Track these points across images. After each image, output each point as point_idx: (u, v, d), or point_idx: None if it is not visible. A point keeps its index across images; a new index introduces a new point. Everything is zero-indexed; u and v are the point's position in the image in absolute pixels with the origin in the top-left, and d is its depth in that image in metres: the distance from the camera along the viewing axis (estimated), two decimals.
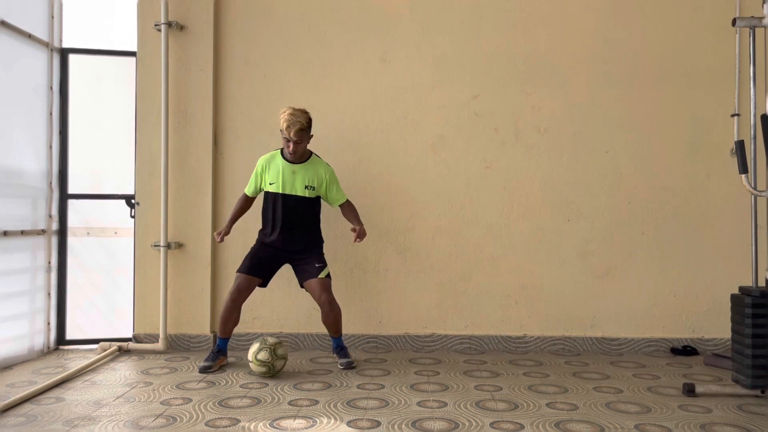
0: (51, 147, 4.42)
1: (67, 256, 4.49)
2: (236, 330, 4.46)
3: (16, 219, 4.09)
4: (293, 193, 3.93)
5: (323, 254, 4.06)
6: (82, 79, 4.56)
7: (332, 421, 3.00)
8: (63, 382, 3.61)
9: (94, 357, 4.10)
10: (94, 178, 4.60)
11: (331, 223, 4.41)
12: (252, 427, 2.91)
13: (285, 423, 2.97)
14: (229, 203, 4.49)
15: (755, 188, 3.41)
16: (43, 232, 4.34)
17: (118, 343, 4.34)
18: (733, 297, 3.43)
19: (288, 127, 3.80)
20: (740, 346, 3.34)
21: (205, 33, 4.46)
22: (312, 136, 3.97)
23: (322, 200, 4.09)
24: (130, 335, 4.47)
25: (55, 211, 4.45)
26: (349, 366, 3.93)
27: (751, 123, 3.52)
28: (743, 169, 3.35)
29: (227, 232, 4.02)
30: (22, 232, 4.13)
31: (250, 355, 3.72)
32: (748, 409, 3.20)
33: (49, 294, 4.39)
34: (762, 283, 3.42)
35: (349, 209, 4.07)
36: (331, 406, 3.21)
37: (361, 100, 4.52)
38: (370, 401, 3.30)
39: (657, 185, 4.48)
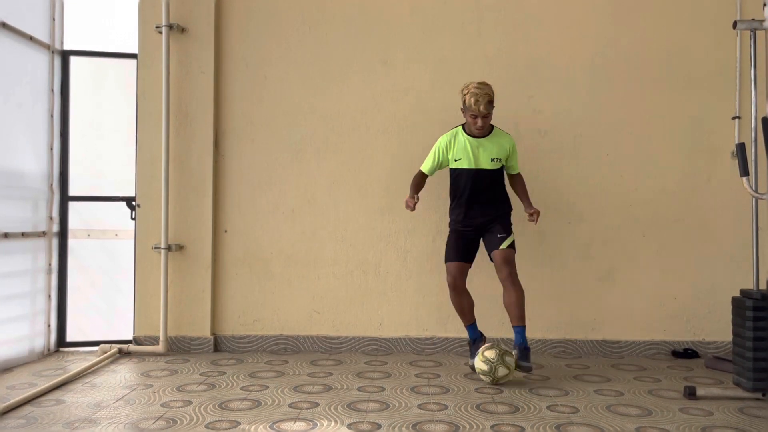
0: (52, 149, 4.42)
1: (67, 258, 4.49)
2: (236, 332, 4.49)
3: (17, 221, 4.09)
4: (481, 167, 3.89)
5: (510, 223, 3.98)
6: (83, 81, 4.56)
7: (332, 423, 2.99)
8: (63, 384, 3.61)
9: (94, 359, 4.09)
10: (94, 180, 4.60)
11: (333, 224, 4.42)
12: (252, 430, 2.91)
13: (285, 425, 2.96)
14: (230, 205, 4.50)
15: (756, 191, 3.41)
16: (43, 234, 4.34)
17: (119, 345, 4.34)
18: (734, 300, 3.43)
19: (477, 101, 3.72)
20: (741, 349, 3.33)
21: (206, 35, 4.46)
22: (494, 106, 3.88)
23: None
24: (130, 337, 4.47)
25: (55, 213, 4.45)
26: (527, 370, 3.70)
27: (752, 126, 3.52)
28: (744, 171, 3.35)
29: (416, 199, 3.92)
30: (23, 234, 4.13)
31: (481, 349, 3.70)
32: (749, 412, 3.19)
33: (49, 296, 4.39)
34: (763, 286, 3.41)
35: (520, 182, 4.06)
36: (332, 408, 3.21)
37: (361, 102, 4.52)
38: (370, 404, 3.29)
39: (658, 188, 4.47)
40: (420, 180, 4.04)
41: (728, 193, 4.38)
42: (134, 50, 4.49)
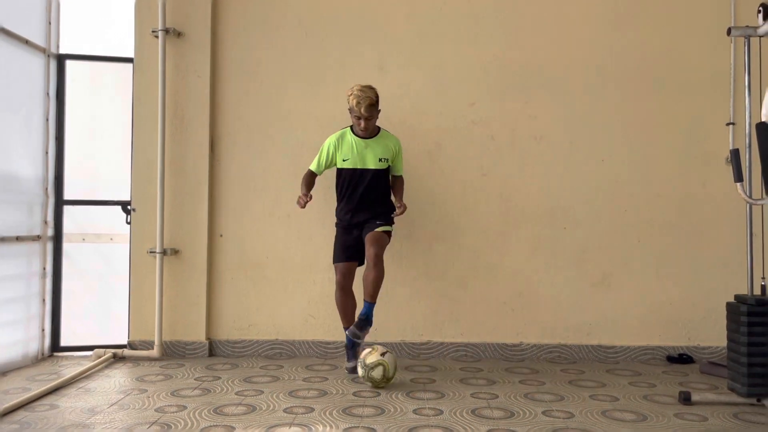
0: (47, 153, 4.41)
1: (62, 262, 4.47)
2: (231, 337, 4.48)
3: (12, 225, 4.08)
4: (367, 166, 3.97)
5: (392, 219, 4.05)
6: (78, 85, 4.55)
7: (328, 428, 2.99)
8: (57, 388, 3.59)
9: (88, 364, 4.08)
10: (90, 183, 4.59)
11: (329, 229, 4.41)
12: None
13: (280, 430, 2.95)
14: (226, 209, 4.49)
15: (750, 196, 3.43)
16: (38, 238, 4.32)
17: (113, 350, 4.32)
18: (729, 305, 3.44)
19: (358, 103, 3.85)
20: (736, 354, 3.34)
21: (203, 40, 4.46)
22: (380, 110, 3.98)
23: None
24: (125, 342, 4.45)
25: (50, 217, 4.43)
26: (352, 371, 3.89)
27: (746, 131, 3.54)
28: (738, 177, 3.36)
29: (308, 196, 3.96)
30: (18, 238, 4.11)
31: (362, 355, 3.71)
32: (743, 417, 3.20)
33: (43, 300, 4.38)
34: (757, 292, 3.42)
35: (400, 183, 4.13)
36: (327, 413, 3.20)
37: None
38: (365, 409, 3.29)
39: (653, 193, 4.49)
40: (310, 179, 4.11)
41: (723, 198, 4.39)
42: (130, 54, 4.48)
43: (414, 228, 4.49)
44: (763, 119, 3.25)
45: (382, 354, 3.69)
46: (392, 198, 4.11)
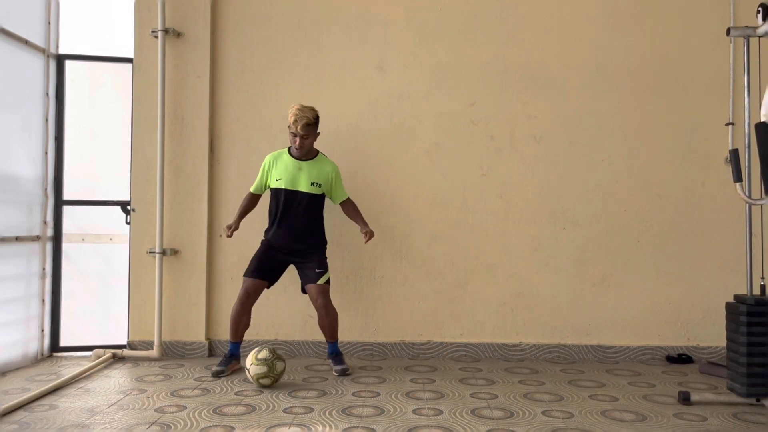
0: (46, 153, 4.41)
1: (61, 262, 4.47)
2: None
3: (11, 225, 4.08)
4: (298, 188, 3.98)
5: (325, 257, 4.10)
6: (78, 86, 4.55)
7: (327, 428, 2.99)
8: (57, 389, 3.59)
9: (88, 364, 4.08)
10: (89, 184, 4.59)
11: (329, 231, 4.42)
12: None
13: (280, 431, 2.96)
14: (225, 210, 4.49)
15: (749, 196, 3.43)
16: (37, 238, 4.32)
17: (113, 350, 4.32)
18: (728, 305, 3.44)
19: (295, 121, 3.88)
20: (735, 354, 3.34)
21: (202, 40, 4.46)
22: (319, 133, 4.03)
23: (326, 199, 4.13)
24: (124, 342, 4.45)
25: (50, 217, 4.43)
26: (344, 373, 3.94)
27: (746, 132, 3.55)
28: (738, 177, 3.37)
29: (236, 227, 4.08)
30: (17, 238, 4.11)
31: (249, 359, 3.67)
32: (743, 417, 3.20)
33: (43, 300, 4.37)
34: (757, 291, 3.42)
35: (351, 207, 4.13)
36: (326, 413, 3.20)
37: (357, 108, 4.53)
38: (365, 409, 3.29)
39: (652, 193, 4.49)
40: (249, 201, 4.16)
41: (722, 198, 4.40)
42: (130, 54, 4.48)
43: (413, 228, 4.50)
44: (762, 119, 3.25)
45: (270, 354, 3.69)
46: (324, 232, 4.13)
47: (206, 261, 4.45)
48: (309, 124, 3.91)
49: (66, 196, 4.50)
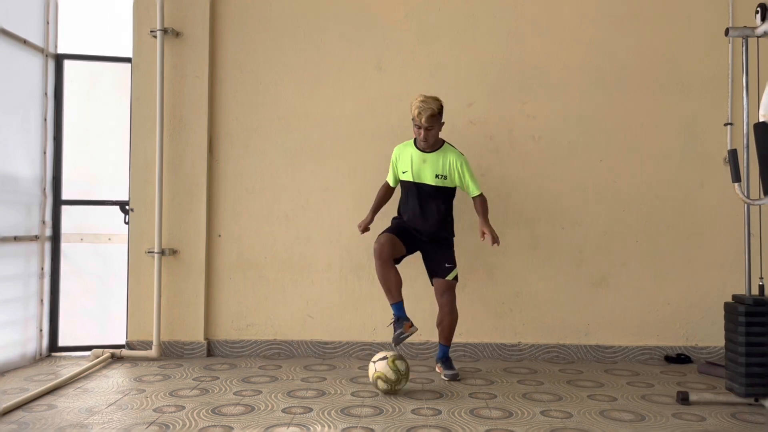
0: (45, 153, 4.41)
1: (60, 262, 4.47)
2: (229, 337, 4.48)
3: (10, 225, 4.08)
4: (424, 181, 3.90)
5: (454, 252, 4.00)
6: (77, 85, 4.55)
7: (326, 428, 2.99)
8: (55, 389, 3.59)
9: (86, 364, 4.07)
10: (88, 184, 4.59)
11: (327, 229, 4.43)
12: None
13: (279, 430, 2.95)
14: (224, 210, 4.49)
15: (748, 197, 3.43)
16: (36, 238, 4.32)
17: (111, 350, 4.32)
18: (727, 305, 3.44)
19: (419, 113, 3.75)
20: (734, 354, 3.34)
21: (201, 40, 4.46)
22: (443, 123, 3.90)
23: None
24: (123, 342, 4.45)
25: (48, 217, 4.43)
26: (455, 378, 3.86)
27: (744, 132, 3.55)
28: (736, 177, 3.37)
29: (370, 221, 4.03)
30: (15, 238, 4.11)
31: (388, 360, 3.54)
32: (741, 417, 3.20)
33: (41, 300, 4.37)
34: (755, 292, 3.43)
35: (481, 205, 3.96)
36: (325, 413, 3.20)
37: (356, 108, 4.53)
38: (364, 409, 3.29)
39: (651, 193, 4.49)
40: (384, 192, 4.12)
41: (720, 199, 4.40)
42: (129, 54, 4.48)
43: None
44: (760, 119, 3.26)
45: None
46: (452, 225, 4.05)
47: (205, 261, 4.44)
48: (433, 116, 3.76)
49: (65, 196, 4.49)
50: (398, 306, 3.87)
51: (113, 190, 4.54)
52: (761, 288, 3.39)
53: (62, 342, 4.47)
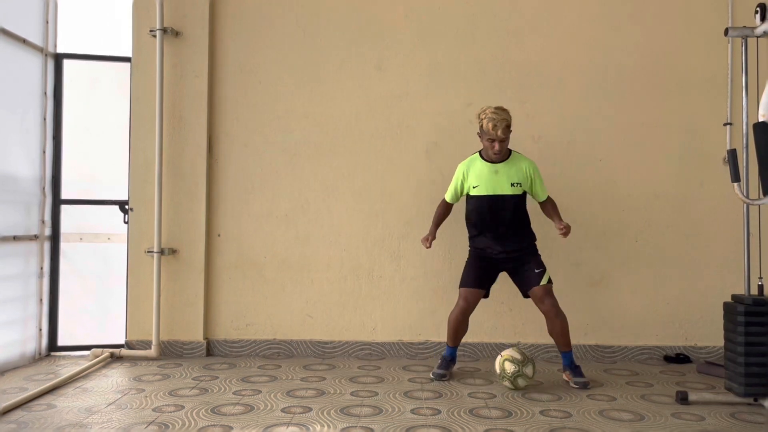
0: (44, 152, 4.41)
1: (59, 261, 4.47)
2: (229, 337, 4.48)
3: (9, 224, 4.08)
4: (499, 193, 3.84)
5: (539, 256, 3.95)
6: (76, 85, 4.55)
7: (325, 428, 2.99)
8: (54, 388, 3.59)
9: (86, 363, 4.07)
10: (87, 183, 4.59)
11: (327, 228, 4.42)
12: None
13: (278, 430, 2.95)
14: (223, 209, 4.49)
15: (747, 196, 3.43)
16: (35, 237, 4.32)
17: (111, 350, 4.32)
18: (726, 305, 3.44)
19: (495, 126, 3.70)
20: (733, 354, 3.34)
21: (201, 39, 4.46)
22: (511, 131, 3.85)
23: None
24: (122, 342, 4.45)
25: (48, 217, 4.43)
26: (585, 386, 3.72)
27: (744, 132, 3.55)
28: (735, 177, 3.37)
29: (434, 237, 3.99)
30: (15, 238, 4.11)
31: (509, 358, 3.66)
32: (740, 417, 3.20)
33: (41, 300, 4.37)
34: (754, 291, 3.43)
35: (552, 207, 3.96)
36: (325, 413, 3.20)
37: (355, 107, 4.53)
38: (363, 408, 3.29)
39: (650, 193, 4.49)
40: (444, 209, 4.07)
41: (720, 198, 4.40)
42: (128, 54, 4.48)
43: (411, 228, 4.49)
44: (760, 119, 3.26)
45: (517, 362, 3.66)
46: (531, 228, 3.98)
47: (204, 260, 4.44)
48: (508, 126, 3.74)
49: (64, 196, 4.49)
50: (455, 350, 3.97)
51: (113, 189, 4.54)
52: (760, 288, 3.39)
53: (61, 341, 4.47)
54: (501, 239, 3.86)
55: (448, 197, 4.03)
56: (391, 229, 4.50)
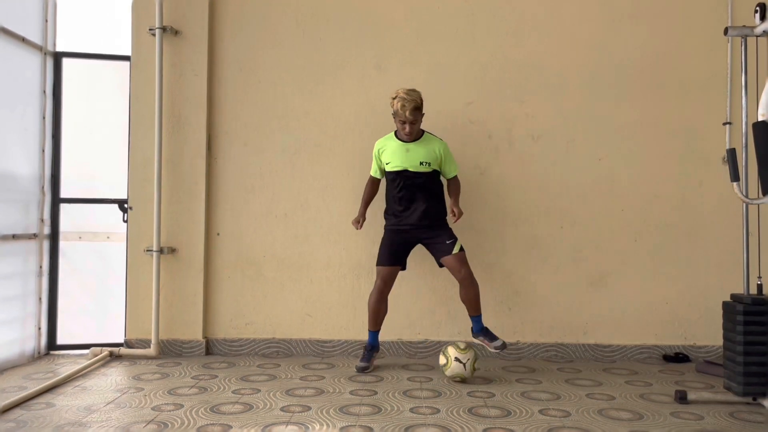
0: (44, 151, 4.41)
1: (58, 260, 4.47)
2: (228, 336, 4.47)
3: (8, 223, 4.07)
4: (410, 169, 3.98)
5: (450, 229, 4.08)
6: (75, 83, 4.55)
7: (324, 427, 2.99)
8: (54, 387, 3.59)
9: (85, 362, 4.07)
10: (86, 182, 4.58)
11: (326, 227, 4.42)
12: None
13: (277, 429, 2.96)
14: (222, 208, 4.49)
15: (746, 196, 3.43)
16: (34, 236, 4.32)
17: (110, 349, 4.32)
18: (725, 304, 3.44)
19: (403, 106, 3.86)
20: (732, 354, 3.35)
21: (200, 38, 4.46)
22: (424, 113, 4.00)
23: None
24: (121, 340, 4.45)
25: (47, 215, 4.43)
26: (503, 347, 4.02)
27: (743, 131, 3.55)
28: (735, 176, 3.37)
29: (364, 218, 4.15)
30: (14, 236, 4.11)
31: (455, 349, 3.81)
32: (739, 416, 3.21)
33: (40, 299, 4.37)
34: (754, 291, 3.43)
35: (455, 187, 4.14)
36: (324, 412, 3.20)
37: (355, 106, 4.53)
38: (362, 407, 3.29)
39: (650, 192, 4.50)
40: (371, 186, 4.23)
41: (719, 198, 4.40)
42: (127, 52, 4.48)
43: None
44: (759, 118, 3.25)
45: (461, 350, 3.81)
46: (444, 205, 4.13)
47: (204, 259, 4.44)
48: (417, 108, 3.88)
49: (63, 194, 4.49)
50: (376, 335, 4.11)
51: (112, 188, 4.54)
52: (759, 287, 3.40)
53: (61, 340, 4.47)
54: (410, 213, 4.01)
55: (372, 172, 4.19)
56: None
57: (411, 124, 3.92)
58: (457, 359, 3.75)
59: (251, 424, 3.02)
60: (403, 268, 4.13)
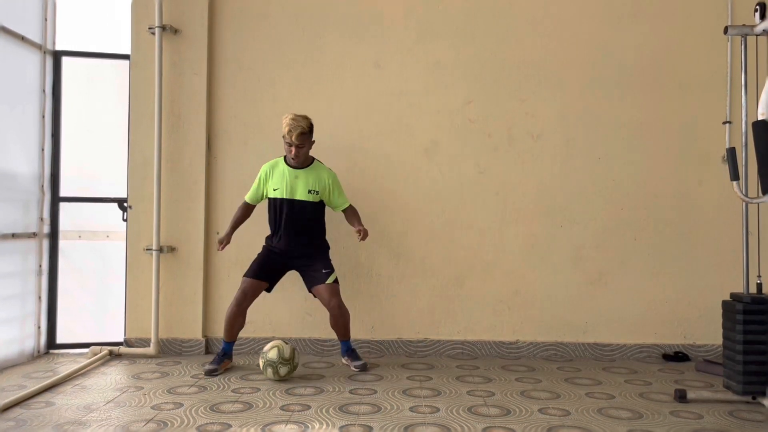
0: (43, 150, 4.41)
1: (58, 259, 4.47)
2: None
3: (8, 222, 4.07)
4: (296, 197, 3.97)
5: (329, 259, 4.11)
6: (75, 82, 4.54)
7: (324, 426, 2.99)
8: (53, 386, 3.59)
9: (84, 361, 4.07)
10: (86, 181, 4.58)
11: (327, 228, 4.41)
12: None
13: (277, 428, 2.96)
14: (222, 207, 4.49)
15: (746, 195, 3.43)
16: (34, 235, 4.31)
17: (109, 348, 4.32)
18: (725, 303, 3.45)
19: (290, 131, 3.87)
20: (731, 353, 3.35)
21: (200, 37, 4.45)
22: (314, 141, 4.01)
23: (326, 206, 4.13)
24: (121, 339, 4.45)
25: (46, 214, 4.43)
26: (364, 368, 4.00)
27: (743, 130, 3.55)
28: (734, 176, 3.37)
29: (228, 241, 4.07)
30: (13, 235, 4.10)
31: (271, 349, 3.77)
32: (739, 415, 3.21)
33: (39, 297, 4.37)
34: (753, 290, 3.43)
35: (352, 214, 4.11)
36: (323, 411, 3.20)
37: (354, 105, 4.52)
38: (362, 406, 3.29)
39: (649, 192, 4.50)
40: (243, 211, 4.16)
41: (719, 197, 4.40)
42: (127, 51, 4.48)
43: (410, 225, 4.50)
44: (759, 117, 3.26)
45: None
46: (325, 237, 4.16)
47: (203, 258, 4.44)
48: (303, 133, 3.88)
49: (63, 193, 4.49)
50: (231, 345, 4.05)
51: (111, 187, 4.53)
52: (759, 286, 3.40)
53: (60, 339, 4.47)
54: (292, 241, 4.00)
55: (248, 198, 4.14)
56: (390, 227, 4.50)
57: (297, 147, 3.89)
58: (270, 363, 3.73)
59: (251, 422, 3.02)
60: (269, 289, 4.08)
